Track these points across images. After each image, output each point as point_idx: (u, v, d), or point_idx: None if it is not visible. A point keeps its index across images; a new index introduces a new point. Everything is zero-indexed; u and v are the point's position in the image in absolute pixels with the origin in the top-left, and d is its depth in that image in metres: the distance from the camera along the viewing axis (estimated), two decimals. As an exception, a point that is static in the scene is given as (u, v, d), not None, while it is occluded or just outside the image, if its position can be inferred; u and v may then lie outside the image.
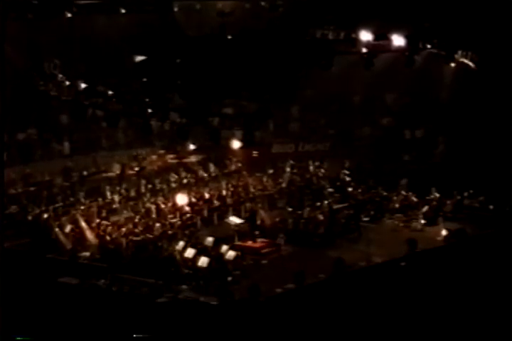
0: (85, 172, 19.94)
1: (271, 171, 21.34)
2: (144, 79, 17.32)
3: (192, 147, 21.18)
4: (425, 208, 19.24)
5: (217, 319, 13.12)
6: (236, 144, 19.54)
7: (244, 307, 13.29)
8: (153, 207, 18.45)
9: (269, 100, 18.06)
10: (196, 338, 12.92)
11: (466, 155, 20.49)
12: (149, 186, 19.73)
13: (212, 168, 21.08)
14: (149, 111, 16.78)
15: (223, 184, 20.13)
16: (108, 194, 19.05)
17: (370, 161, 21.62)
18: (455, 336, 13.29)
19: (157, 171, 20.72)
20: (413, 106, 22.84)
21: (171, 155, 21.51)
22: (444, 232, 17.76)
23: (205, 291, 14.22)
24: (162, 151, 21.56)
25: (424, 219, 18.94)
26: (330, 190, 20.22)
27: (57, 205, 18.02)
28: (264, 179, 20.72)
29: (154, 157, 21.29)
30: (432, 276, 14.91)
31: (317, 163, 21.72)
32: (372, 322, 13.36)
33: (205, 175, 20.69)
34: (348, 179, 21.11)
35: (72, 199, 18.55)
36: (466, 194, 19.56)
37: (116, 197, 18.95)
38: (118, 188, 19.43)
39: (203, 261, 15.29)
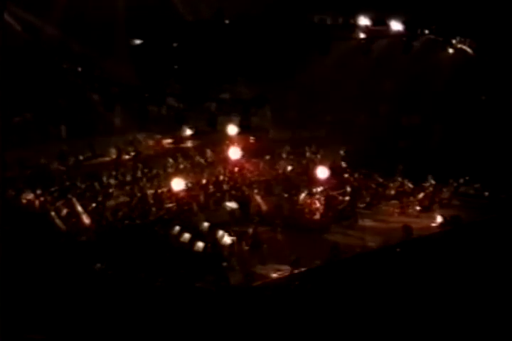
0: (81, 157, 19.69)
1: (268, 157, 21.09)
2: (141, 64, 17.15)
3: (189, 132, 21.06)
4: (421, 195, 19.18)
5: (213, 304, 13.07)
6: (233, 130, 19.64)
7: (239, 292, 13.35)
8: (149, 191, 18.25)
9: (267, 86, 18.26)
10: (191, 323, 12.83)
11: (462, 143, 20.36)
12: (145, 171, 19.45)
13: (209, 153, 20.81)
14: (146, 95, 16.42)
15: (220, 169, 19.91)
16: (104, 178, 18.73)
17: (366, 148, 21.35)
18: (451, 322, 13.25)
19: (153, 156, 20.44)
20: (410, 93, 22.44)
21: (168, 140, 21.30)
22: (439, 219, 17.74)
23: (201, 276, 14.08)
24: (159, 136, 21.34)
25: (419, 206, 18.91)
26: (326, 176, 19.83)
27: (52, 189, 17.80)
28: (261, 165, 20.52)
29: (151, 142, 21.06)
30: (427, 263, 14.92)
31: (313, 150, 21.56)
32: (368, 307, 13.41)
33: (202, 160, 20.45)
34: (344, 165, 21.07)
35: (68, 183, 18.27)
36: (461, 181, 19.51)
37: (112, 182, 18.75)
38: (114, 173, 19.18)
39: (199, 245, 15.24)
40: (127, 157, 20.31)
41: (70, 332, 12.72)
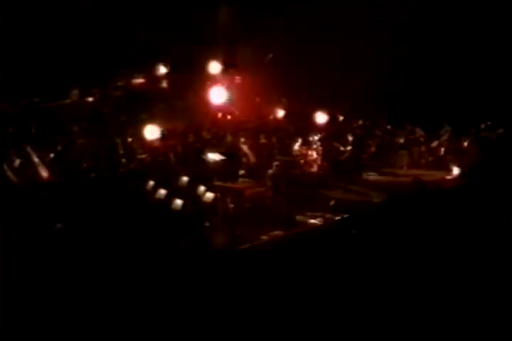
0: (37, 98, 18.62)
1: (257, 100, 20.14)
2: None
3: (164, 70, 20.21)
4: (435, 143, 18.59)
5: (194, 269, 12.27)
6: (216, 67, 19.13)
7: (223, 256, 12.88)
8: (118, 140, 17.39)
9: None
10: (170, 290, 11.89)
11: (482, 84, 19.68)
12: (114, 116, 18.80)
13: (188, 95, 19.73)
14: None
15: (201, 115, 19.06)
16: (65, 124, 17.91)
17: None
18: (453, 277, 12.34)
19: (123, 98, 19.81)
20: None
21: (140, 80, 20.49)
22: (456, 171, 17.44)
23: (179, 238, 13.57)
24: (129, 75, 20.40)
25: (433, 156, 18.45)
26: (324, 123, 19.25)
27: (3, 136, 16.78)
28: (249, 109, 19.61)
29: (120, 82, 20.19)
30: (440, 220, 14.17)
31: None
32: (373, 271, 12.33)
33: (180, 103, 19.36)
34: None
35: (21, 129, 17.31)
36: (483, 126, 18.89)
37: (75, 128, 17.84)
38: (79, 118, 18.32)
39: (177, 203, 14.78)
40: (91, 99, 19.67)
41: (27, 301, 11.52)
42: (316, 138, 18.42)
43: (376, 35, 19.93)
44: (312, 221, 14.47)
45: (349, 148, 18.42)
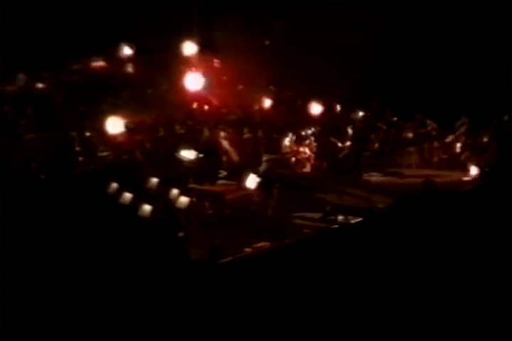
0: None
1: (240, 87, 19.44)
2: None
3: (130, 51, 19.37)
4: (449, 138, 18.02)
5: (166, 288, 12.00)
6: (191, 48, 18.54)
7: (202, 271, 12.39)
8: (74, 135, 17.24)
9: None
10: (145, 308, 11.72)
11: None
12: (69, 106, 18.25)
13: (158, 81, 19.11)
14: None
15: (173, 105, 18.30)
16: (10, 116, 17.55)
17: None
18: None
19: (80, 85, 19.06)
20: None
21: (100, 63, 19.67)
22: (474, 171, 17.05)
23: (149, 251, 13.16)
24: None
25: (447, 153, 17.91)
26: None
27: None
28: (231, 98, 18.86)
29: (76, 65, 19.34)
30: (457, 228, 13.45)
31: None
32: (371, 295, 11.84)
33: (148, 91, 18.86)
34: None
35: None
36: (506, 118, 18.25)
37: (23, 122, 17.46)
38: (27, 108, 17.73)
39: (145, 209, 14.46)
40: (41, 85, 19.01)
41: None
42: (310, 132, 17.93)
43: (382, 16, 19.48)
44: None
45: (348, 143, 17.82)
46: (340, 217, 15.00)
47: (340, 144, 17.78)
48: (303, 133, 17.86)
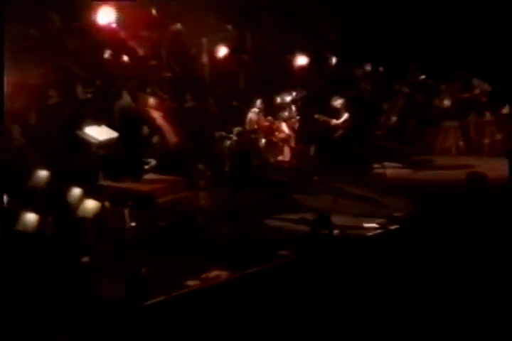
0: None
1: (178, 26, 15.56)
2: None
3: None
4: (506, 109, 15.35)
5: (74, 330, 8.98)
6: None
7: (117, 318, 9.38)
8: None
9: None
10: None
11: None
12: None
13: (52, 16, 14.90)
14: None
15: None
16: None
17: None
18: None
19: None
20: None
21: None
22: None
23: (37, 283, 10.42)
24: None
25: (502, 130, 14.67)
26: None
27: None
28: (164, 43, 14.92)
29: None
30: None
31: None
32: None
33: (31, 30, 14.58)
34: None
35: None
36: None
37: None
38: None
39: (29, 219, 11.85)
40: None
41: None
42: (289, 99, 14.78)
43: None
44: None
45: (346, 116, 14.37)
46: (335, 232, 11.44)
47: (334, 121, 14.36)
48: (278, 100, 14.60)
